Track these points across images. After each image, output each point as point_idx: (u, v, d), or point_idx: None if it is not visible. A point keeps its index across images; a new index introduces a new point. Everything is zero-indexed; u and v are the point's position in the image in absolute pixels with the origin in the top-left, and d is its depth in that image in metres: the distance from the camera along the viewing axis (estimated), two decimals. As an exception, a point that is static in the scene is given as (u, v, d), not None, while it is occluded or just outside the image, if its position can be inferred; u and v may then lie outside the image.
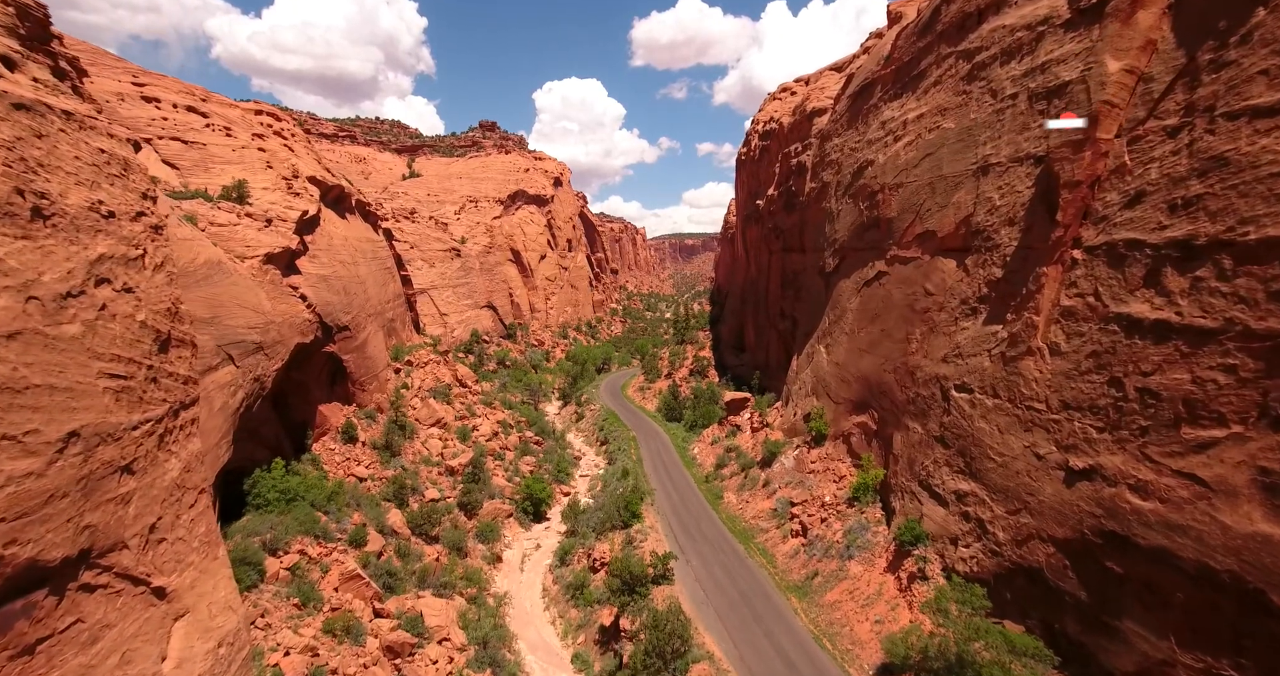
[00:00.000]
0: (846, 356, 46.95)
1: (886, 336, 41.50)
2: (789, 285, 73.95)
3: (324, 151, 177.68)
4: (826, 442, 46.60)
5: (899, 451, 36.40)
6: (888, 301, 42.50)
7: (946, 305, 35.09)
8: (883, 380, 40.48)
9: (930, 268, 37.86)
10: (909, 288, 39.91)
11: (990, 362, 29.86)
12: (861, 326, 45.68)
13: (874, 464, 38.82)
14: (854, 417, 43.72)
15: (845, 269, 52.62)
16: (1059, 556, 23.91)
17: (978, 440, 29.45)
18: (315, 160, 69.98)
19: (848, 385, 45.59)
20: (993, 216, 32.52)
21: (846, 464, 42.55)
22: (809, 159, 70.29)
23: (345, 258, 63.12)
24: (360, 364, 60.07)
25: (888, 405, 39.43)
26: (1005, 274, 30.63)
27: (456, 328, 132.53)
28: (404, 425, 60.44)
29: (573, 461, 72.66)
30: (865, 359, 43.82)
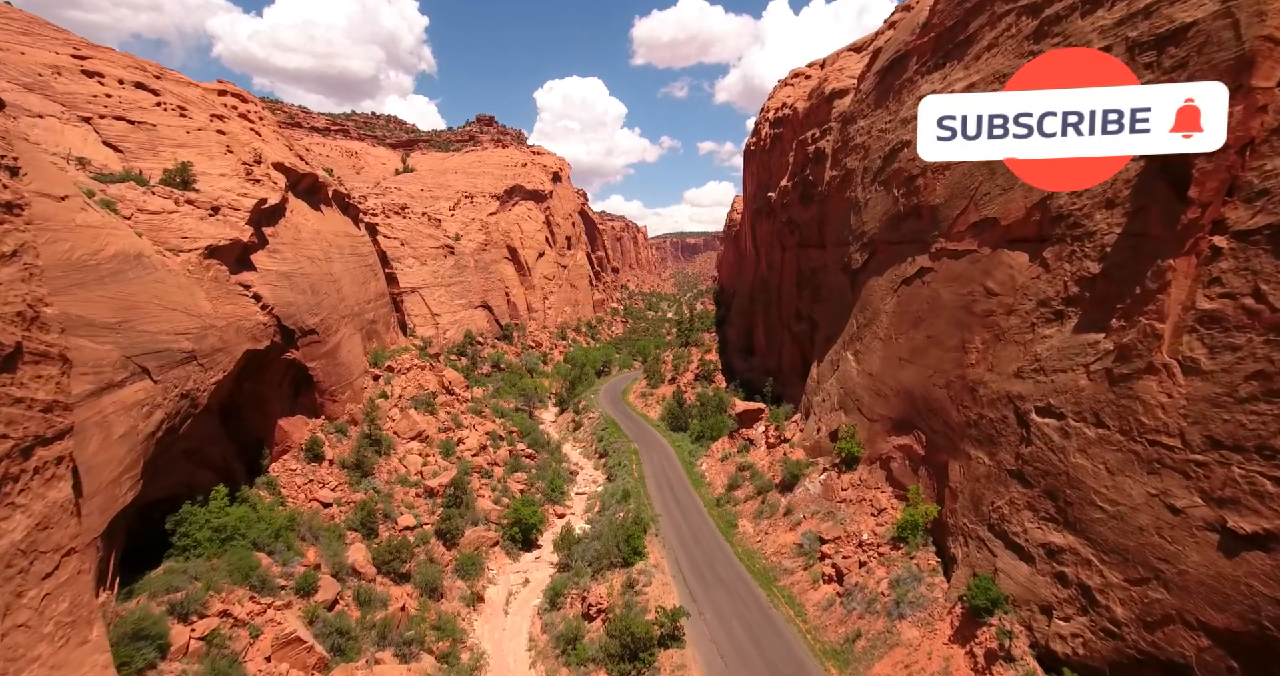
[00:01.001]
0: (882, 366, 40.60)
1: (934, 344, 35.16)
2: (805, 284, 67.58)
3: (314, 145, 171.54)
4: (860, 467, 40.24)
5: (958, 484, 30.05)
6: (934, 302, 36.16)
7: (1018, 308, 28.73)
8: (931, 396, 34.13)
9: (992, 262, 31.52)
10: (963, 286, 33.57)
11: (1089, 381, 23.50)
12: (900, 331, 39.33)
13: (923, 497, 32.49)
14: (894, 438, 37.38)
15: (877, 265, 46.29)
16: (1219, 653, 17.57)
17: (1075, 480, 23.09)
18: (286, 146, 63.75)
19: (885, 400, 39.24)
20: (1081, 198, 26.17)
21: (887, 494, 36.21)
22: (829, 145, 63.90)
23: (316, 253, 56.86)
24: (330, 371, 53.82)
25: (939, 426, 33.08)
26: (1105, 269, 24.28)
27: (449, 328, 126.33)
28: (379, 440, 54.20)
29: (568, 477, 66.40)
30: (907, 370, 37.47)
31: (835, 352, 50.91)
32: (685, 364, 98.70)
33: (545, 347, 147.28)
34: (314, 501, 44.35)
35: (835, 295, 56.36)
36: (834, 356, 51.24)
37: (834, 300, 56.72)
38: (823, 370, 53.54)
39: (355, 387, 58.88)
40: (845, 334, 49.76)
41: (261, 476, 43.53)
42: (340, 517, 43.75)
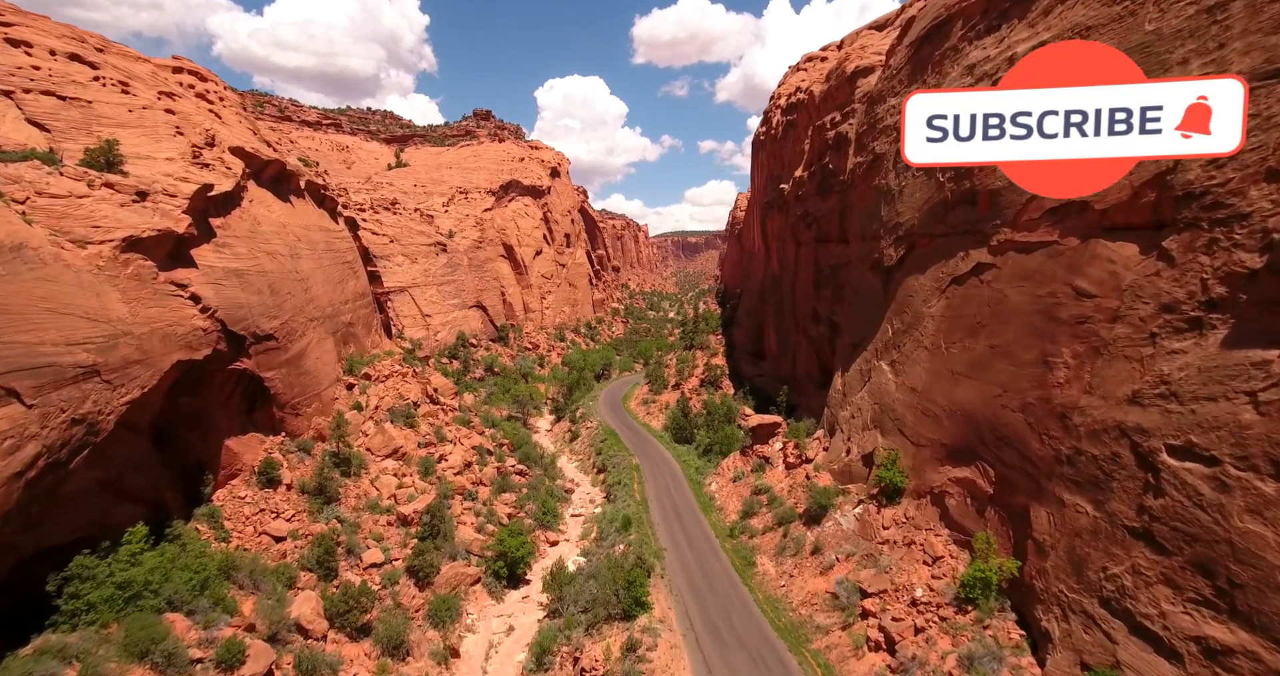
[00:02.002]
0: (930, 380, 34.33)
1: (1001, 356, 28.90)
2: (824, 283, 61.32)
3: (303, 139, 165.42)
4: (904, 500, 33.98)
5: (1048, 537, 23.81)
6: (999, 305, 29.91)
7: (1127, 313, 22.49)
8: (1001, 420, 27.88)
9: (1082, 256, 25.29)
10: (1039, 286, 27.33)
11: (1259, 416, 17.27)
12: (953, 339, 33.06)
13: (996, 548, 26.24)
14: (950, 469, 31.12)
15: (916, 262, 40.03)
16: None
17: (1247, 553, 16.87)
18: (250, 130, 57.54)
19: (935, 422, 32.97)
20: (1225, 169, 19.95)
21: (943, 538, 29.98)
22: (851, 129, 57.62)
23: (278, 248, 50.67)
24: (292, 381, 47.64)
25: (1013, 459, 26.83)
26: (1272, 262, 18.05)
27: (440, 330, 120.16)
28: (349, 459, 48.04)
29: (563, 497, 60.19)
30: (964, 386, 31.21)
31: (865, 361, 44.65)
32: (690, 368, 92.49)
33: (542, 349, 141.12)
34: (264, 535, 38.21)
35: (862, 296, 50.10)
36: (863, 366, 44.98)
37: (860, 301, 50.47)
38: (849, 380, 47.27)
39: (324, 399, 52.73)
40: (877, 340, 43.51)
41: (202, 507, 37.40)
42: (294, 555, 37.59)
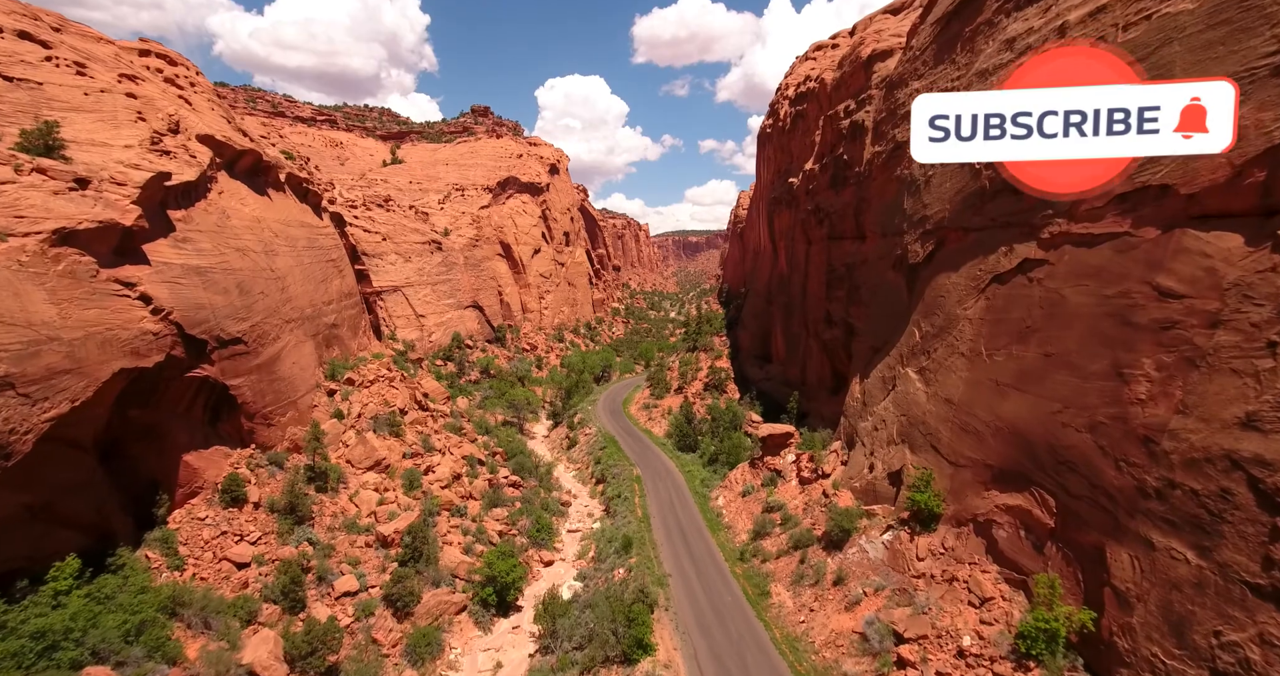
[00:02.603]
0: (969, 391, 30.44)
1: (1060, 365, 25.03)
2: (838, 282, 57.44)
3: (295, 135, 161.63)
4: (941, 528, 30.10)
5: (1133, 586, 19.95)
6: (1055, 307, 26.05)
7: (1232, 318, 18.64)
8: (1062, 441, 24.01)
9: (1164, 250, 21.43)
10: (1108, 285, 23.46)
11: None
12: (998, 345, 29.18)
13: (1064, 594, 22.34)
14: (997, 495, 27.22)
15: (948, 258, 36.18)
16: None
17: None
18: (224, 118, 53.70)
19: (977, 439, 29.08)
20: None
21: (991, 576, 26.13)
22: (868, 116, 53.76)
23: (250, 244, 46.87)
24: (264, 389, 43.83)
25: (1079, 488, 22.95)
26: None
27: (435, 331, 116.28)
28: (325, 472, 44.20)
29: (559, 510, 56.33)
30: (1012, 400, 27.33)
31: (888, 368, 40.78)
32: (693, 371, 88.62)
33: (540, 351, 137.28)
34: (224, 561, 34.40)
35: (882, 296, 46.27)
36: (886, 372, 41.11)
37: (879, 302, 46.64)
38: (869, 388, 43.41)
39: (301, 407, 48.90)
40: (901, 345, 39.65)
41: (155, 531, 33.59)
42: (256, 584, 33.76)
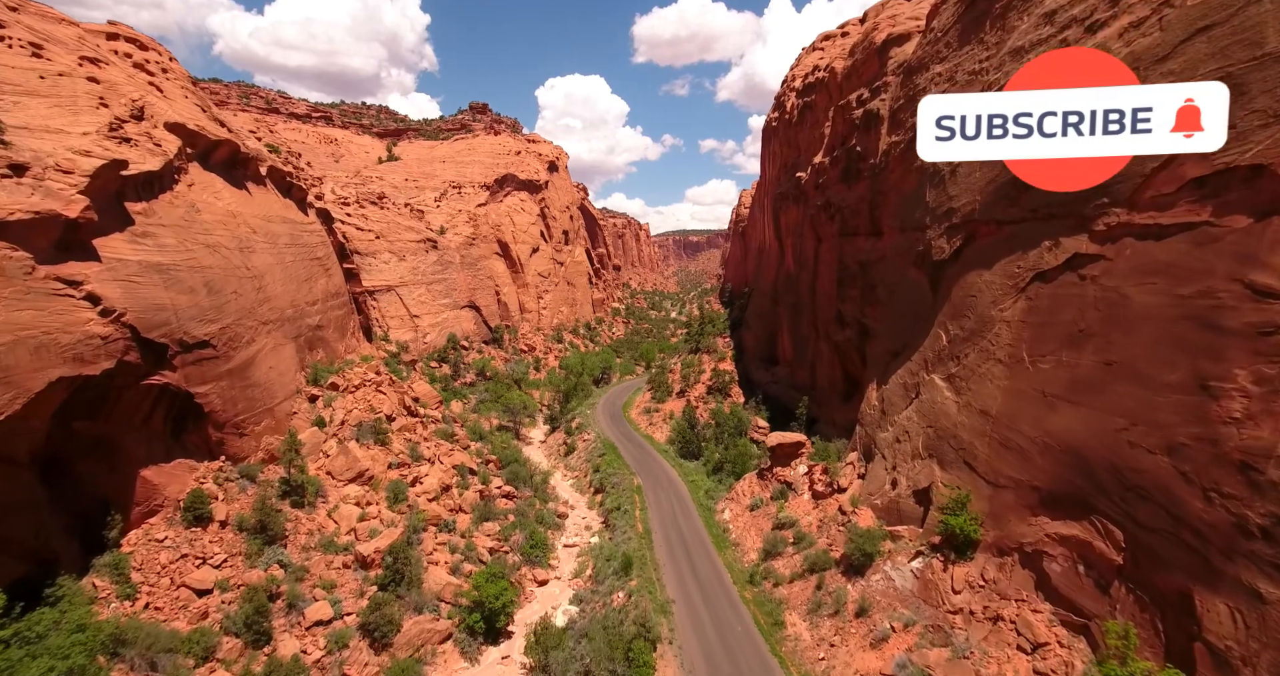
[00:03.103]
0: (1010, 402, 27.23)
1: (1124, 375, 21.83)
2: (851, 281, 54.22)
3: (289, 132, 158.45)
4: (980, 556, 26.91)
5: (1232, 642, 16.78)
6: (1115, 309, 22.84)
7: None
8: (1129, 463, 20.81)
9: (1260, 240, 18.27)
10: (1184, 283, 20.29)
11: None
12: (1043, 350, 25.98)
13: (1138, 645, 19.14)
14: (1048, 522, 24.01)
15: (979, 254, 33.00)
16: None
17: None
18: (198, 107, 50.51)
19: (1021, 457, 25.86)
20: None
21: (1044, 616, 22.93)
22: (884, 105, 50.54)
23: (223, 240, 43.72)
24: (235, 396, 40.65)
25: (1157, 520, 19.74)
26: None
27: (430, 332, 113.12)
28: (302, 486, 41.03)
29: (555, 523, 53.12)
30: (1064, 413, 24.12)
31: (910, 374, 37.57)
32: (696, 374, 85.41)
33: (539, 351, 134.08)
34: (182, 588, 31.23)
35: (901, 295, 43.08)
36: (908, 379, 37.90)
37: (899, 302, 43.44)
38: (888, 396, 40.20)
39: (278, 414, 45.74)
40: (925, 349, 36.45)
41: (105, 555, 30.43)
42: (218, 614, 30.59)
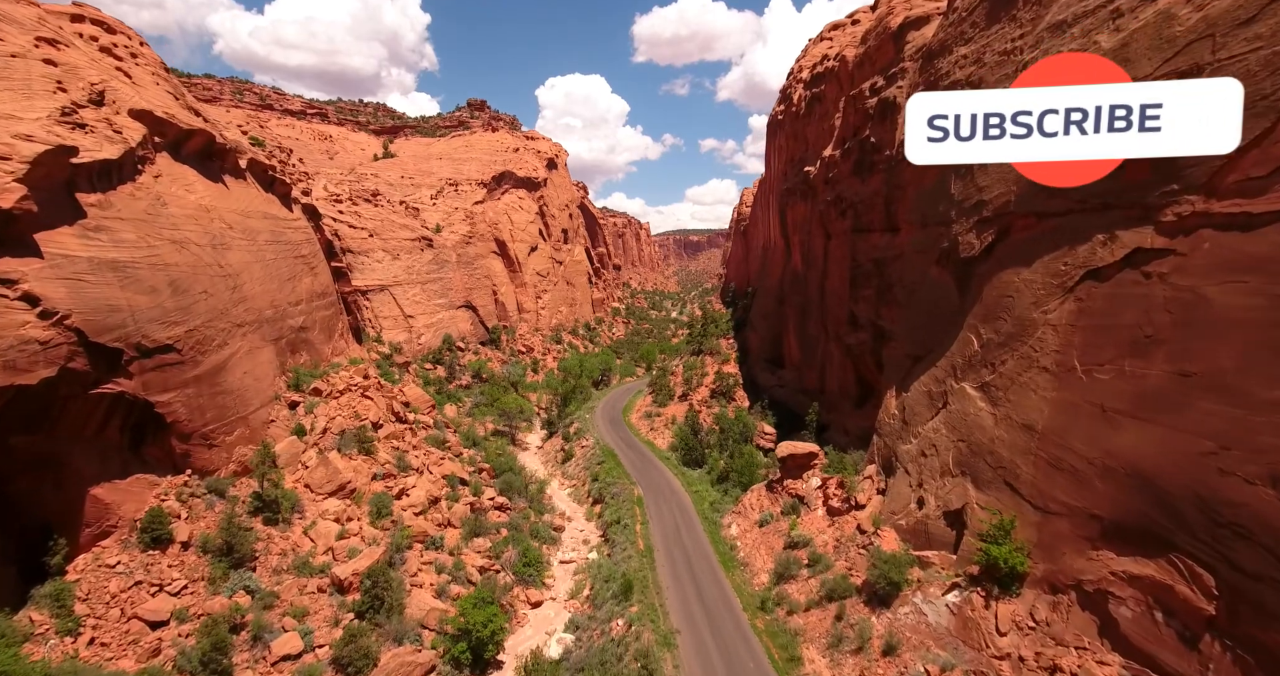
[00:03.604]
0: (1061, 416, 24.14)
1: (1209, 389, 18.74)
2: (865, 280, 51.15)
3: (281, 128, 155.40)
4: (1028, 592, 23.83)
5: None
6: (1191, 311, 19.77)
7: None
8: (1220, 494, 17.73)
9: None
10: (1281, 282, 17.16)
11: None
12: (1100, 358, 22.88)
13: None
14: (1114, 558, 20.92)
15: (1015, 250, 29.93)
16: None
17: None
18: (171, 95, 47.42)
19: (1076, 480, 22.76)
20: None
21: (1112, 670, 19.79)
22: (901, 92, 47.46)
23: (193, 236, 40.67)
24: (204, 404, 37.58)
25: (1261, 564, 16.71)
26: None
27: (424, 332, 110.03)
28: (275, 501, 37.96)
29: (551, 537, 50.04)
30: (1129, 431, 21.03)
31: (936, 381, 34.49)
32: (698, 377, 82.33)
33: (537, 352, 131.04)
34: (134, 620, 28.16)
35: (922, 296, 39.99)
36: (933, 386, 34.82)
37: (920, 303, 40.35)
38: (910, 404, 37.11)
39: (253, 423, 42.69)
40: (954, 354, 33.36)
41: (46, 584, 27.37)
42: (172, 649, 27.52)
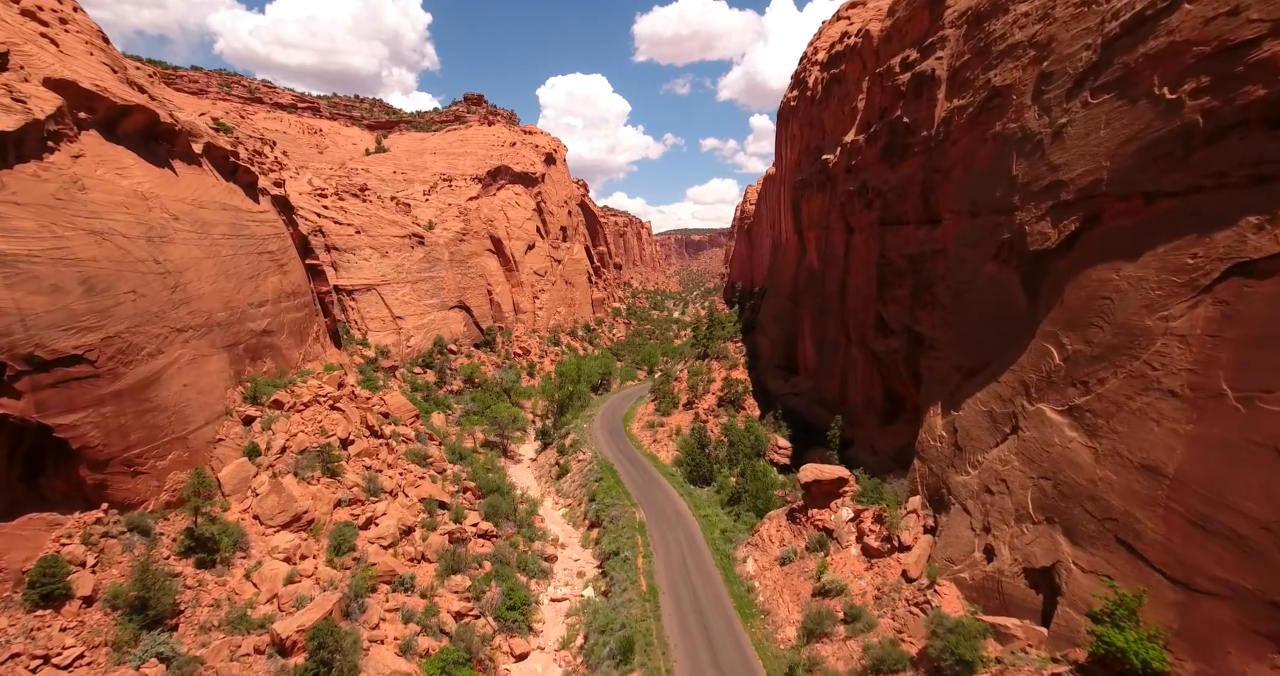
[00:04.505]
0: (1206, 458, 18.25)
1: None
2: (897, 278, 45.23)
3: (267, 121, 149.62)
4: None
5: None
6: None
7: None
8: None
9: None
10: None
11: None
12: (1271, 382, 16.93)
13: None
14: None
15: (1112, 241, 24.09)
16: None
17: None
18: (107, 67, 41.60)
19: (1240, 548, 16.91)
20: None
21: None
22: (941, 64, 41.52)
23: (121, 226, 34.88)
24: (125, 425, 31.74)
25: None
26: None
27: (414, 334, 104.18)
28: (211, 539, 32.11)
29: (541, 569, 44.18)
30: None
31: (1000, 400, 28.56)
32: (704, 383, 76.41)
33: (533, 355, 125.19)
34: (5, 707, 22.25)
35: (974, 297, 34.09)
36: (995, 406, 28.90)
37: (970, 305, 34.45)
38: (963, 425, 31.19)
39: (194, 444, 36.84)
40: (1025, 368, 27.45)
41: (-110, 663, 21.44)
42: (49, 746, 21.62)
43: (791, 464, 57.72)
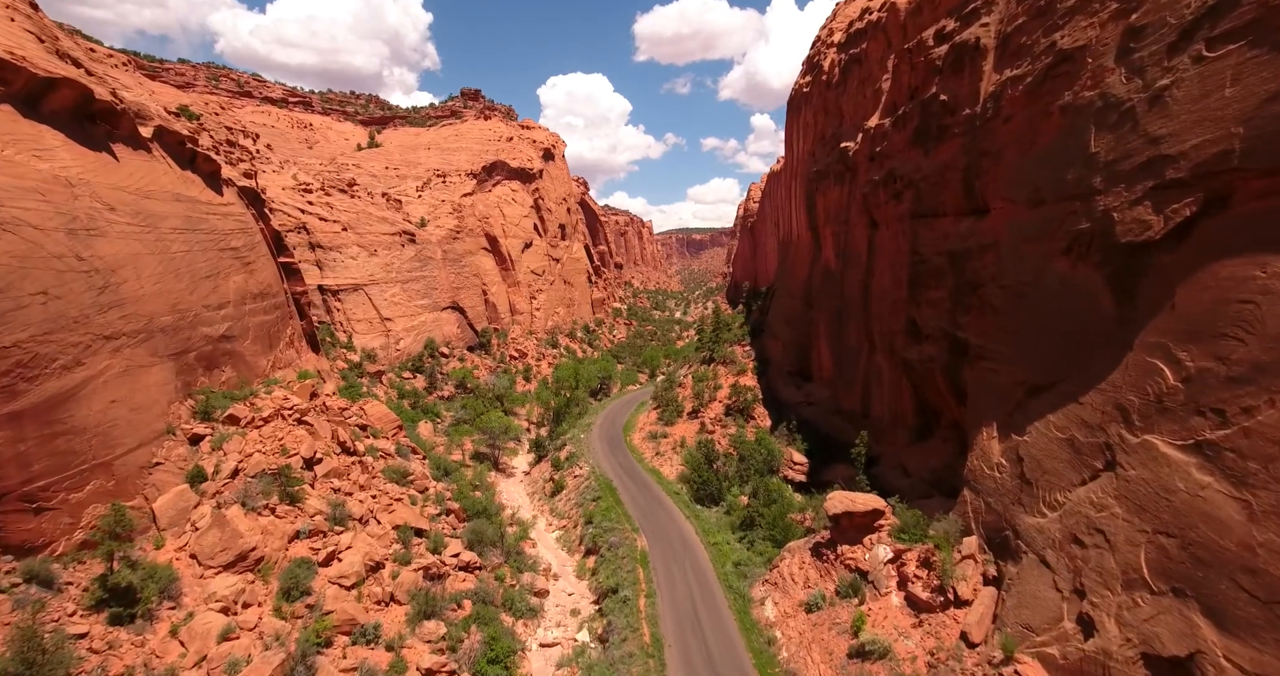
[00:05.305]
0: None
1: None
2: (934, 278, 39.91)
3: (254, 115, 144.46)
4: None
5: None
6: None
7: None
8: None
9: None
10: None
11: None
12: None
13: None
14: None
15: (1246, 229, 18.95)
16: None
17: None
18: (32, 35, 36.39)
19: None
20: None
21: None
22: (986, 31, 36.22)
23: (34, 216, 29.83)
24: (29, 452, 26.64)
25: None
26: None
27: (404, 337, 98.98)
28: (131, 588, 26.87)
29: (529, 609, 38.91)
30: None
31: (1085, 427, 23.25)
32: (711, 390, 71.11)
33: (530, 358, 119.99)
34: None
35: (1039, 300, 28.76)
36: (1079, 434, 23.58)
37: (1033, 310, 29.12)
38: (1033, 454, 25.88)
39: (121, 471, 31.62)
40: (1120, 388, 22.14)
41: None
42: None
43: (809, 480, 52.53)
